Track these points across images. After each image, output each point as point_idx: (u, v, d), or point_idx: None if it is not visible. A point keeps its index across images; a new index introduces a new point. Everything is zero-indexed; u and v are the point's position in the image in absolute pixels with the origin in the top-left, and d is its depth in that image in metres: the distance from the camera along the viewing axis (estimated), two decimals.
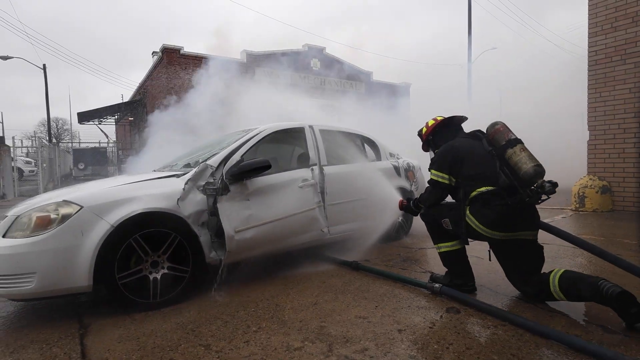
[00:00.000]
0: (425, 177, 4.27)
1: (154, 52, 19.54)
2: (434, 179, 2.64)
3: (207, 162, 3.00)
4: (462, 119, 2.87)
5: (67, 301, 2.80)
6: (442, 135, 2.82)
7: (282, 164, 3.90)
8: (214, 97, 9.94)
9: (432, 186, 2.69)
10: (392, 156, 4.74)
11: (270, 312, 2.45)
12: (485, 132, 2.62)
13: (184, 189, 2.78)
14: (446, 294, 2.57)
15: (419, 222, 3.48)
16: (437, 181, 2.62)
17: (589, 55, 6.36)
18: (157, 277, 2.60)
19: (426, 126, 2.93)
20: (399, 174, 4.57)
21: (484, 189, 2.39)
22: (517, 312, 2.29)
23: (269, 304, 2.59)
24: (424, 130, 2.94)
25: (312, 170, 3.62)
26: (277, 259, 3.54)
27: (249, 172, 3.00)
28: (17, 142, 23.70)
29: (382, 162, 4.54)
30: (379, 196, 3.84)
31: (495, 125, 2.54)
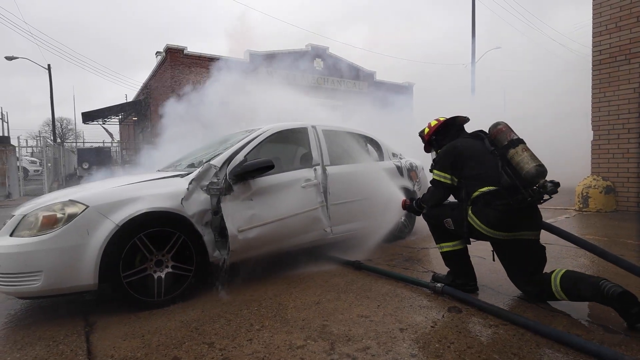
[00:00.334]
0: (427, 177, 4.27)
1: (157, 52, 19.62)
2: (437, 179, 2.65)
3: (210, 162, 3.03)
4: (465, 119, 2.88)
5: (73, 299, 2.83)
6: (445, 135, 2.82)
7: (285, 164, 3.92)
8: (217, 97, 9.97)
9: (434, 186, 2.70)
10: (395, 156, 4.75)
11: (273, 310, 2.47)
12: (487, 132, 2.63)
13: (187, 188, 2.81)
14: (448, 293, 2.58)
15: (421, 222, 3.50)
16: (440, 181, 2.63)
17: (593, 55, 6.32)
18: (162, 275, 2.63)
19: (428, 127, 2.93)
20: (401, 174, 4.58)
21: (486, 189, 2.39)
22: (519, 311, 2.30)
23: (272, 302, 2.61)
24: (426, 130, 2.94)
25: (315, 170, 3.64)
26: (280, 258, 3.56)
27: (252, 172, 3.02)
28: (22, 142, 23.86)
29: (384, 162, 4.55)
30: (382, 196, 3.85)
31: (497, 125, 2.55)
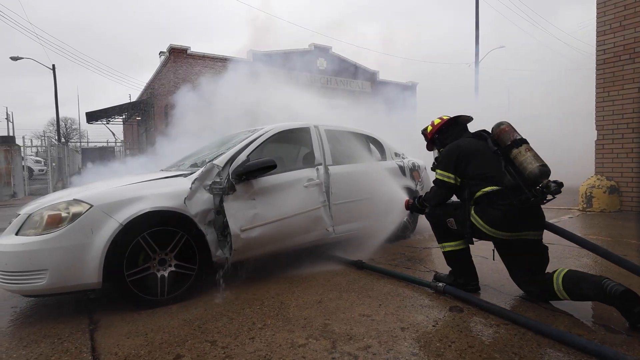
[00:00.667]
0: (430, 177, 4.27)
1: (161, 52, 19.71)
2: (440, 179, 2.64)
3: (213, 162, 3.05)
4: (468, 118, 2.87)
5: (78, 297, 2.86)
6: (448, 134, 2.82)
7: (288, 164, 3.94)
8: (219, 96, 10.01)
9: (437, 186, 2.69)
10: (398, 156, 4.75)
11: (275, 309, 2.48)
12: (490, 132, 2.63)
13: (191, 188, 2.82)
14: (450, 292, 2.59)
15: (424, 222, 3.50)
16: (443, 181, 2.61)
17: (597, 54, 6.29)
18: (165, 274, 2.65)
19: (431, 125, 2.92)
20: (404, 173, 4.58)
21: (489, 189, 2.39)
22: (520, 311, 2.30)
23: (274, 301, 2.62)
24: (429, 129, 2.93)
25: (318, 169, 3.65)
26: (282, 257, 3.58)
27: (254, 172, 3.03)
28: (27, 142, 24.02)
29: (387, 161, 4.56)
30: (384, 196, 3.85)
31: (500, 125, 2.54)
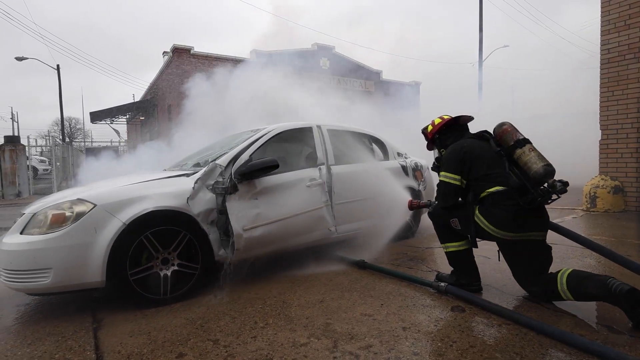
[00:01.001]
0: (433, 177, 4.27)
1: (164, 52, 19.78)
2: (444, 180, 2.58)
3: (216, 162, 3.06)
4: (469, 118, 2.86)
5: (81, 296, 2.88)
6: (449, 134, 2.79)
7: (290, 164, 3.94)
8: (222, 96, 10.05)
9: (443, 188, 2.61)
10: (400, 156, 4.74)
11: (277, 309, 2.49)
12: (492, 132, 2.61)
13: (193, 187, 2.84)
14: (451, 292, 2.58)
15: (426, 222, 3.50)
16: (448, 182, 2.56)
17: (602, 53, 6.25)
18: (168, 273, 2.67)
19: (432, 124, 2.89)
20: (406, 173, 4.57)
21: (494, 190, 2.37)
22: (523, 311, 2.30)
23: (276, 301, 2.63)
24: (429, 128, 2.90)
25: (320, 169, 3.65)
26: (285, 257, 3.59)
27: (257, 172, 3.04)
28: (32, 142, 24.21)
29: (389, 161, 4.55)
30: (387, 196, 3.85)
31: (502, 125, 2.52)
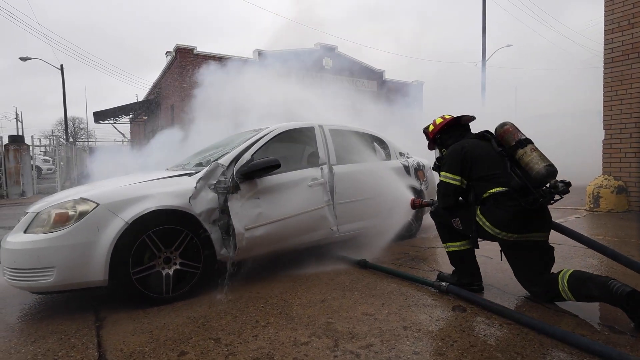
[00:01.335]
0: (434, 177, 4.26)
1: (167, 52, 19.83)
2: (445, 181, 2.58)
3: (218, 161, 3.07)
4: (471, 118, 2.85)
5: (84, 295, 2.90)
6: (450, 134, 2.79)
7: (292, 163, 3.95)
8: (226, 96, 10.06)
9: (444, 188, 2.61)
10: (402, 155, 4.74)
11: (278, 308, 2.50)
12: (493, 132, 2.60)
13: (195, 187, 2.85)
14: (453, 292, 2.58)
15: (428, 222, 3.50)
16: (449, 183, 2.55)
17: (605, 52, 6.22)
18: (170, 272, 2.68)
19: (433, 124, 2.88)
20: (408, 173, 4.57)
21: (495, 190, 2.37)
22: (524, 311, 2.29)
23: (277, 300, 2.64)
24: (430, 128, 2.90)
25: (322, 169, 3.66)
26: (286, 256, 3.60)
27: (259, 171, 3.05)
28: (36, 141, 24.26)
29: (391, 161, 4.55)
30: (389, 195, 3.85)
31: (504, 125, 2.51)
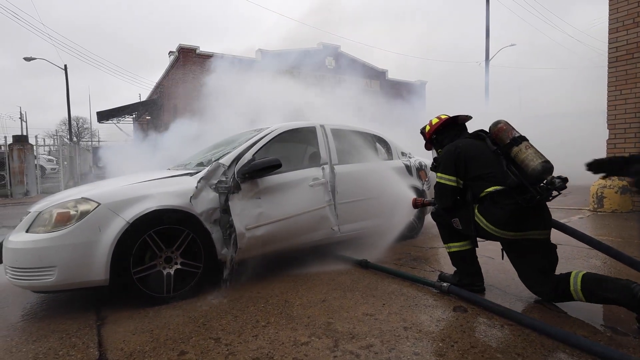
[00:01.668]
0: (434, 176, 4.24)
1: (170, 52, 19.87)
2: (441, 182, 2.57)
3: (219, 161, 3.07)
4: (467, 118, 2.82)
5: (85, 294, 2.91)
6: (446, 134, 2.78)
7: (293, 163, 3.95)
8: (228, 96, 10.08)
9: (440, 189, 2.60)
10: (404, 155, 4.73)
11: (279, 308, 2.50)
12: (488, 131, 2.58)
13: (196, 187, 2.85)
14: (454, 292, 2.57)
15: (430, 222, 3.49)
16: (444, 184, 2.54)
17: (609, 51, 6.18)
18: (171, 272, 2.69)
19: (429, 124, 2.87)
20: (410, 173, 4.56)
21: (492, 189, 2.35)
22: (525, 312, 2.28)
23: (278, 300, 2.64)
24: (427, 128, 2.89)
25: (323, 169, 3.65)
26: (287, 256, 3.60)
27: (260, 171, 3.05)
28: (40, 141, 24.49)
29: (393, 161, 4.54)
30: (390, 195, 3.84)
31: (497, 123, 2.48)
